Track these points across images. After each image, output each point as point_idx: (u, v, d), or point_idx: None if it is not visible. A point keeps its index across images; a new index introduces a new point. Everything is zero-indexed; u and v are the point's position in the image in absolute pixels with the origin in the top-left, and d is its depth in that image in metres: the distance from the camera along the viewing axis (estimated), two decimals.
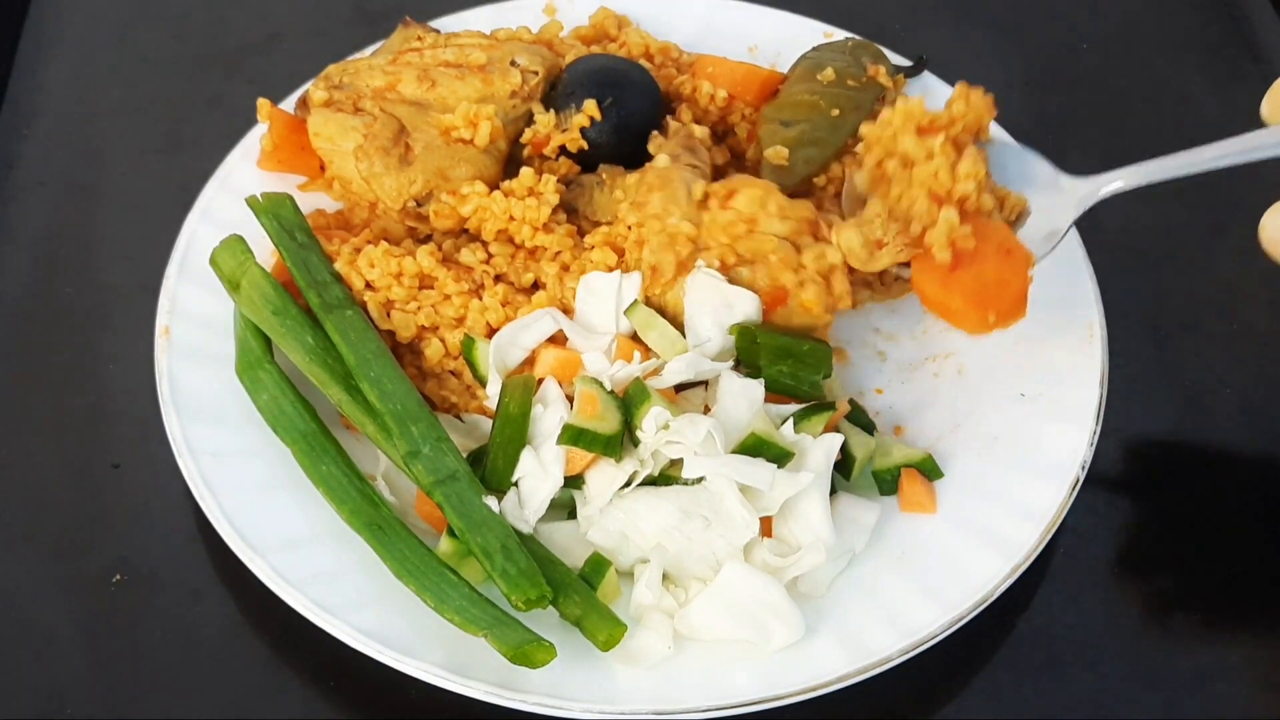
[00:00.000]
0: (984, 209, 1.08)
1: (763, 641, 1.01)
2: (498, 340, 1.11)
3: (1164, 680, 1.07)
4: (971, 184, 1.07)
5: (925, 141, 1.09)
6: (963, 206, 1.07)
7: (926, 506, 1.09)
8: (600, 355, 1.10)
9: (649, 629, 1.01)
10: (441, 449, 1.05)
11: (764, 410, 1.08)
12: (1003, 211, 1.10)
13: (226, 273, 1.15)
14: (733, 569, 1.02)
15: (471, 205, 1.17)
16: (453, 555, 1.03)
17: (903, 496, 1.09)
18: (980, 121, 1.13)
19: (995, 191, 1.11)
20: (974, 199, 1.08)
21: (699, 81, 1.28)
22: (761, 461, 1.04)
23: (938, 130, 1.10)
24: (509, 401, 1.08)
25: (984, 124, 1.13)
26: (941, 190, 1.07)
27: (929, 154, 1.09)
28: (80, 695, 1.04)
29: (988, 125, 1.14)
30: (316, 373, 1.10)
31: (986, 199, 1.08)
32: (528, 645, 0.95)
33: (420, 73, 1.22)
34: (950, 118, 1.11)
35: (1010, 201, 1.11)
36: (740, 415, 1.07)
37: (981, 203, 1.08)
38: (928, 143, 1.08)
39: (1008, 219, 1.10)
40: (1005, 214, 1.10)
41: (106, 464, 1.16)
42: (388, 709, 1.03)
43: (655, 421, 1.04)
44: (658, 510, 1.04)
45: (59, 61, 1.47)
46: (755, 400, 1.08)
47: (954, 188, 1.07)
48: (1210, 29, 1.55)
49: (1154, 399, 1.23)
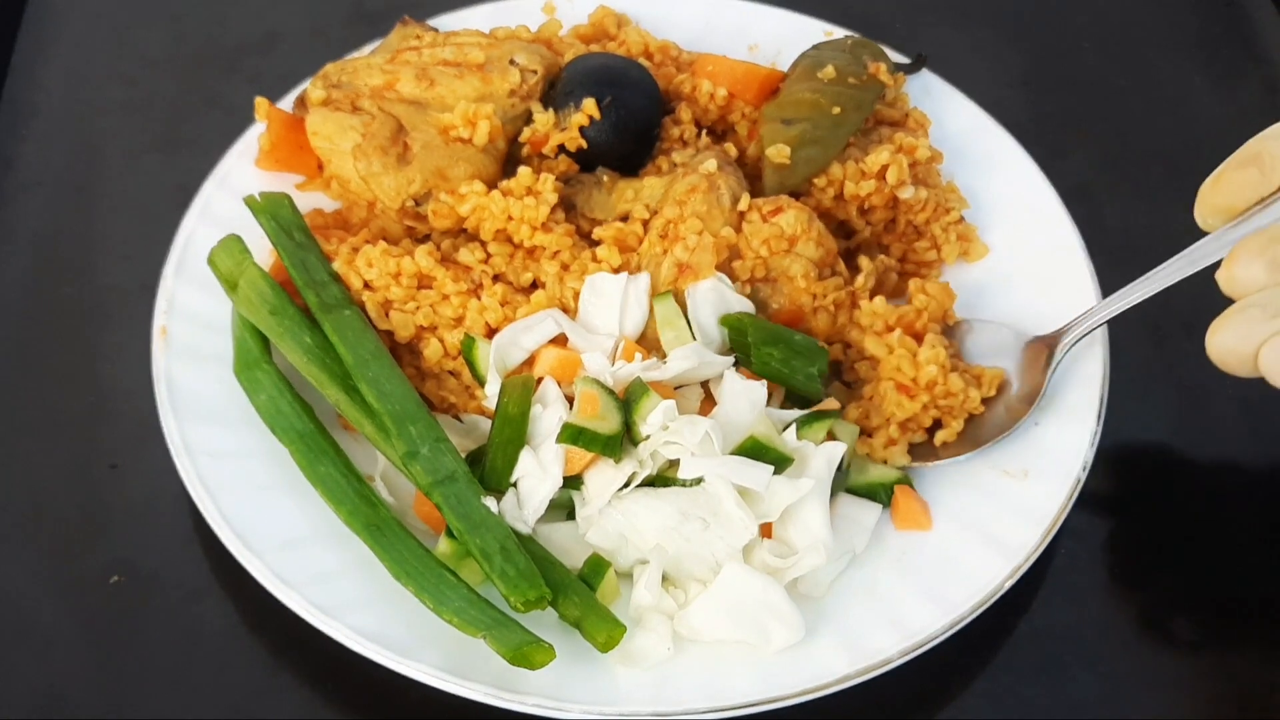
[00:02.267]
0: (953, 391, 1.10)
1: (762, 643, 1.00)
2: (499, 341, 1.11)
3: (1164, 680, 1.07)
4: (934, 368, 1.10)
5: (885, 338, 1.13)
6: (932, 391, 1.10)
7: (921, 524, 1.08)
8: (601, 355, 1.10)
9: (648, 630, 1.01)
10: (440, 449, 1.05)
11: (765, 414, 1.08)
12: (981, 387, 1.12)
13: (224, 272, 1.14)
14: (732, 570, 1.02)
15: (470, 204, 1.17)
16: (451, 556, 1.02)
17: (896, 514, 1.09)
18: (943, 308, 1.17)
19: (969, 371, 1.13)
20: (941, 383, 1.10)
21: (699, 80, 1.28)
22: (758, 464, 1.04)
23: (901, 325, 1.13)
24: (508, 401, 1.08)
25: (947, 309, 1.17)
26: (906, 380, 1.10)
27: (889, 349, 1.12)
28: (80, 695, 1.04)
29: (951, 310, 1.18)
30: (314, 373, 1.10)
31: (955, 380, 1.10)
32: (527, 646, 0.95)
33: (419, 72, 1.22)
34: (915, 311, 1.15)
35: (987, 377, 1.13)
36: (741, 417, 1.07)
37: (950, 385, 1.10)
38: (887, 339, 1.12)
39: (987, 394, 1.13)
40: (985, 389, 1.12)
41: (105, 464, 1.16)
42: (386, 710, 1.03)
43: (659, 417, 1.04)
44: (656, 511, 1.03)
45: (57, 61, 1.47)
46: (757, 403, 1.08)
47: (918, 375, 1.10)
48: (1210, 29, 1.55)
49: (1154, 399, 1.23)
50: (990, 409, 1.13)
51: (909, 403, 1.10)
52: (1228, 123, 1.46)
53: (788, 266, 1.15)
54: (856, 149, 1.25)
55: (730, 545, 1.03)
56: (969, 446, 1.11)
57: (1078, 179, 1.35)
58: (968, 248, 1.25)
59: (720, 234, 1.14)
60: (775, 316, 1.15)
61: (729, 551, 1.03)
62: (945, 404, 1.11)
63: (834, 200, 1.23)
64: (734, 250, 1.15)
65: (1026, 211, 1.26)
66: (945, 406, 1.11)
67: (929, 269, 1.25)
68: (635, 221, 1.17)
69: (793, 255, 1.15)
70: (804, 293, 1.15)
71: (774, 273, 1.16)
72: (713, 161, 1.17)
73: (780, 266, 1.15)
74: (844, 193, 1.22)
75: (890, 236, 1.25)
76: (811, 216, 1.17)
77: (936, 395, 1.10)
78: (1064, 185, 1.27)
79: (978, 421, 1.13)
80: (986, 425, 1.12)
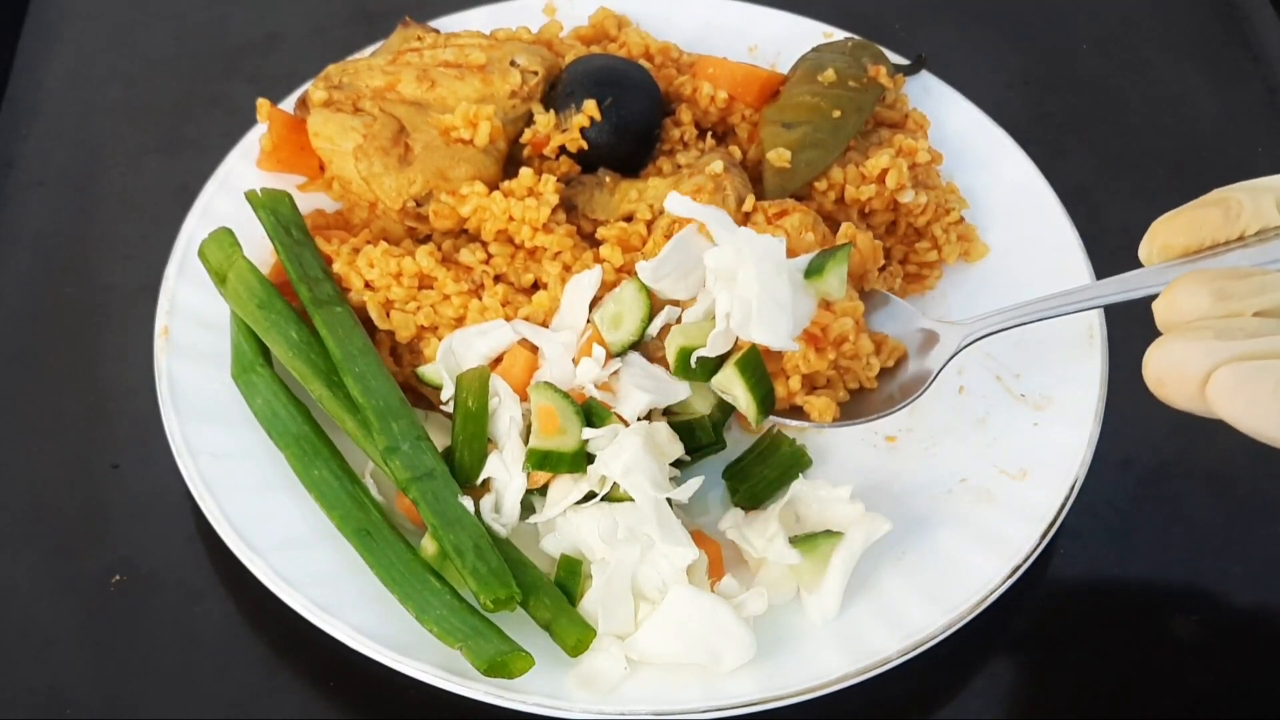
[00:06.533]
0: (860, 353, 1.10)
1: (714, 664, 0.99)
2: (450, 343, 1.11)
3: (1164, 680, 1.07)
4: (849, 321, 1.10)
5: None
6: (839, 347, 1.10)
7: None
8: (561, 348, 1.10)
9: (601, 651, 1.00)
10: (420, 446, 1.05)
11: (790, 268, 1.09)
12: (879, 355, 1.12)
13: (214, 265, 1.15)
14: (678, 592, 1.01)
15: (471, 205, 1.17)
16: (436, 557, 1.02)
17: None
18: (865, 266, 1.17)
19: (872, 336, 1.13)
20: (851, 341, 1.10)
21: (699, 82, 1.28)
22: None
23: None
24: (466, 397, 1.08)
25: (869, 270, 1.17)
26: (817, 330, 1.10)
27: None
28: (80, 695, 1.04)
29: (873, 272, 1.17)
30: (299, 367, 1.10)
31: (865, 342, 1.11)
32: (504, 656, 0.95)
33: (420, 73, 1.22)
34: None
35: (888, 346, 1.13)
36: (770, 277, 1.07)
37: (860, 345, 1.10)
38: None
39: (885, 363, 1.12)
40: (883, 358, 1.12)
41: (106, 464, 1.16)
42: (386, 710, 1.03)
43: None
44: (604, 525, 1.03)
45: (59, 61, 1.47)
46: (779, 258, 1.08)
47: (830, 326, 1.10)
48: (1210, 29, 1.55)
49: (1154, 399, 1.23)
50: (883, 384, 1.13)
51: (815, 358, 1.09)
52: (1228, 123, 1.46)
53: None
54: (856, 151, 1.25)
55: (674, 565, 1.02)
56: (849, 417, 1.11)
57: (1078, 179, 1.36)
58: (968, 248, 1.25)
59: None
60: None
61: (674, 572, 1.02)
62: (846, 365, 1.11)
63: (835, 203, 1.23)
64: None
65: (1026, 212, 1.26)
66: (845, 368, 1.11)
67: (930, 269, 1.25)
68: (639, 222, 1.17)
69: None
70: None
71: None
72: (719, 163, 1.17)
73: None
74: (844, 196, 1.22)
75: (891, 239, 1.25)
76: (816, 220, 1.17)
77: (844, 353, 1.10)
78: (1064, 185, 1.28)
79: (866, 393, 1.13)
80: (873, 399, 1.12)
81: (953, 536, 1.07)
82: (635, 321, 1.11)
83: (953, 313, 1.23)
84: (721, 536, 1.07)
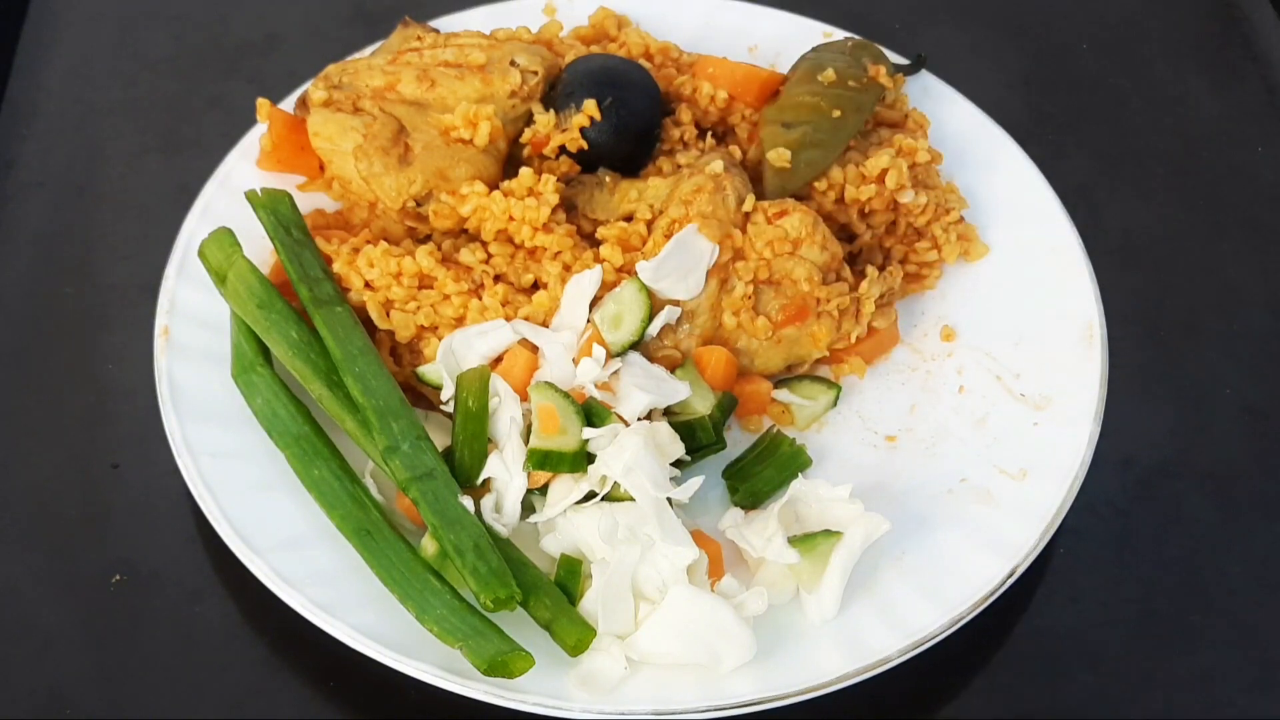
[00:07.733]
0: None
1: (714, 664, 0.99)
2: (450, 343, 1.11)
3: (1164, 680, 1.07)
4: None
5: None
6: None
7: None
8: (561, 348, 1.10)
9: (601, 651, 1.00)
10: (420, 446, 1.05)
11: None
12: None
13: (214, 265, 1.15)
14: (678, 592, 1.01)
15: (471, 205, 1.17)
16: (436, 556, 1.02)
17: None
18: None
19: None
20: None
21: (699, 82, 1.28)
22: None
23: None
24: (466, 397, 1.08)
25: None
26: None
27: None
28: (80, 695, 1.04)
29: None
30: (299, 367, 1.10)
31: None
32: (504, 656, 0.95)
33: (420, 73, 1.22)
34: None
35: None
36: None
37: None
38: None
39: None
40: None
41: (106, 464, 1.16)
42: (386, 710, 1.03)
43: None
44: (605, 525, 1.02)
45: (58, 62, 1.47)
46: None
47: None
48: (1210, 29, 1.55)
49: (1154, 399, 1.23)
50: None
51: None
52: (1227, 123, 1.46)
53: (791, 269, 1.16)
54: (856, 151, 1.25)
55: (675, 565, 1.02)
56: None
57: (1077, 179, 1.36)
58: (968, 248, 1.25)
59: (725, 233, 1.14)
60: (786, 308, 1.15)
61: (674, 572, 1.02)
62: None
63: (835, 204, 1.23)
64: (738, 251, 1.15)
65: (1026, 212, 1.26)
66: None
67: (930, 269, 1.25)
68: (639, 221, 1.17)
69: (796, 258, 1.15)
70: (808, 296, 1.15)
71: (777, 275, 1.16)
72: (719, 162, 1.17)
73: (783, 269, 1.16)
74: (844, 196, 1.22)
75: (891, 239, 1.25)
76: (817, 220, 1.18)
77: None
78: (1064, 185, 1.28)
79: None
80: None
81: (952, 536, 1.07)
82: (635, 321, 1.11)
83: (953, 312, 1.23)
84: (721, 536, 1.07)
